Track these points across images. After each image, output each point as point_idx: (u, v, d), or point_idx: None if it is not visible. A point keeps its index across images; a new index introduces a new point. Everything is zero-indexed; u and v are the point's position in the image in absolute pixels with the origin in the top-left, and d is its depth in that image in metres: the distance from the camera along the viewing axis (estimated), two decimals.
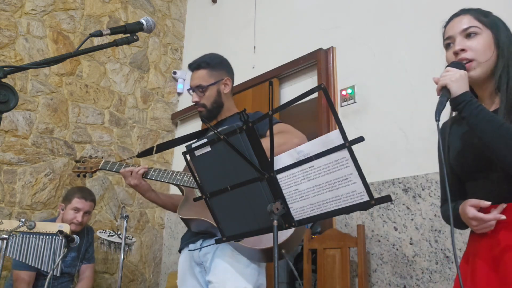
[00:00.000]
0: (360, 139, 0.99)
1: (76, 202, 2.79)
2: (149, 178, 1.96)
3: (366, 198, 1.02)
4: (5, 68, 0.99)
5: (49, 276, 2.02)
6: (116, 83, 3.87)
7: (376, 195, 2.64)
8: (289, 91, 3.20)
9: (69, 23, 3.64)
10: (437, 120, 1.21)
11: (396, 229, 2.31)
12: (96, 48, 1.25)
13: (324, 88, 1.04)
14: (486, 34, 1.28)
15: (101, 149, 3.63)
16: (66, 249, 2.10)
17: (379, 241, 2.36)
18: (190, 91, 1.97)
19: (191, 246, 1.81)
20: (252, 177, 1.16)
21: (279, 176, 1.13)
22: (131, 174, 1.94)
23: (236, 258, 1.66)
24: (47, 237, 2.29)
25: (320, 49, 2.91)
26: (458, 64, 1.27)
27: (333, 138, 1.04)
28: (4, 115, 1.32)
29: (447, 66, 1.28)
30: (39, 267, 2.30)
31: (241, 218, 1.23)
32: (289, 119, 2.10)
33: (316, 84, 2.73)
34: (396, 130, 2.45)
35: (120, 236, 2.87)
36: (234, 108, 1.99)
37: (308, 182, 1.09)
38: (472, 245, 1.32)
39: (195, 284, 1.77)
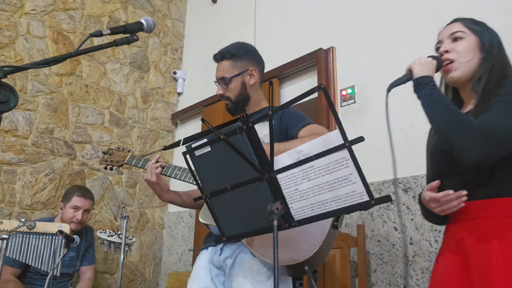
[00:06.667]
0: (360, 139, 0.99)
1: (76, 200, 2.79)
2: (168, 176, 1.88)
3: (366, 198, 1.02)
4: (5, 68, 0.99)
5: (49, 276, 2.02)
6: (116, 83, 3.87)
7: (376, 195, 2.62)
8: (289, 91, 3.20)
9: (69, 23, 3.64)
10: (388, 90, 1.36)
11: (396, 229, 2.31)
12: (96, 48, 1.25)
13: (324, 88, 1.04)
14: (470, 38, 1.37)
15: (101, 149, 3.63)
16: (66, 249, 2.10)
17: (379, 241, 2.36)
18: (216, 83, 1.88)
19: (211, 249, 1.76)
20: (252, 177, 1.16)
21: (279, 176, 1.14)
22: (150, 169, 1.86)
23: (256, 270, 1.59)
24: (47, 237, 2.29)
25: (320, 49, 2.91)
26: (432, 56, 1.37)
27: (333, 138, 1.04)
28: (4, 115, 1.32)
29: None
30: (39, 267, 2.30)
31: (241, 218, 1.23)
32: None
33: (316, 84, 2.73)
34: (396, 130, 2.45)
35: (120, 236, 2.87)
36: (262, 102, 1.90)
37: (308, 182, 1.09)
38: (443, 240, 1.40)
39: (209, 285, 1.70)
